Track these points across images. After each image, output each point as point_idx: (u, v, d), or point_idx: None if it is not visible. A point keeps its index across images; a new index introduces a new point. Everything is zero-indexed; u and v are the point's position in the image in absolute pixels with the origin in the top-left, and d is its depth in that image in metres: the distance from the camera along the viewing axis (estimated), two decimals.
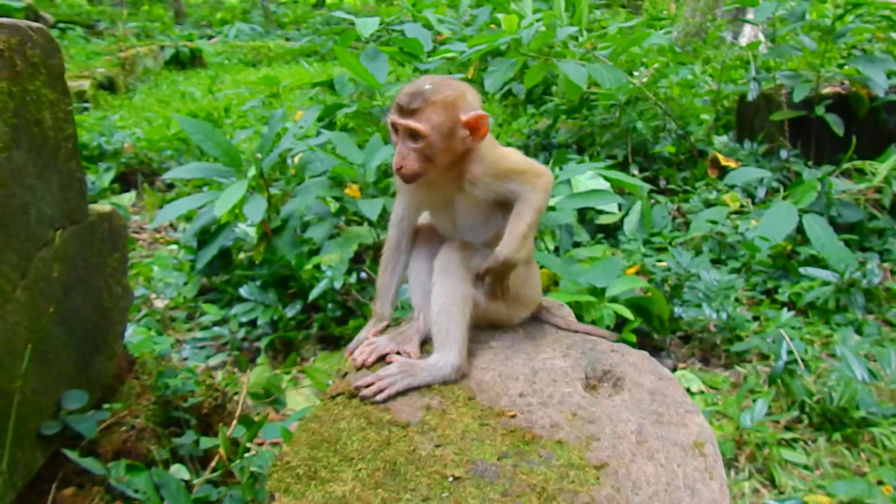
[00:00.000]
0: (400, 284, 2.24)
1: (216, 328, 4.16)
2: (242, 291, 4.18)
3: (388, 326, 2.19)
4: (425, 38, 5.76)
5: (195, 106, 8.91)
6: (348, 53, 4.74)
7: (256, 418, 3.62)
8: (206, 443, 2.48)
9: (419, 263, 2.17)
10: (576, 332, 2.12)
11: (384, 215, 4.45)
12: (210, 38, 16.13)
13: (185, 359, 4.06)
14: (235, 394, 3.83)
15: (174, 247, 5.18)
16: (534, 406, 1.71)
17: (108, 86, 10.11)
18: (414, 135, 1.91)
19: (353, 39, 6.01)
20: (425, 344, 2.04)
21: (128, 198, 6.04)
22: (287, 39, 16.07)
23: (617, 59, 6.73)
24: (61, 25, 14.15)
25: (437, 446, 1.62)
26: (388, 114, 1.99)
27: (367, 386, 1.84)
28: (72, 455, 2.07)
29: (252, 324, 4.18)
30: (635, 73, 6.87)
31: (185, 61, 12.90)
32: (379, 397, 1.82)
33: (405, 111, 1.91)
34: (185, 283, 4.63)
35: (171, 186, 6.36)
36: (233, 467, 2.43)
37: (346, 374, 1.95)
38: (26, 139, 1.97)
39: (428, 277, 2.04)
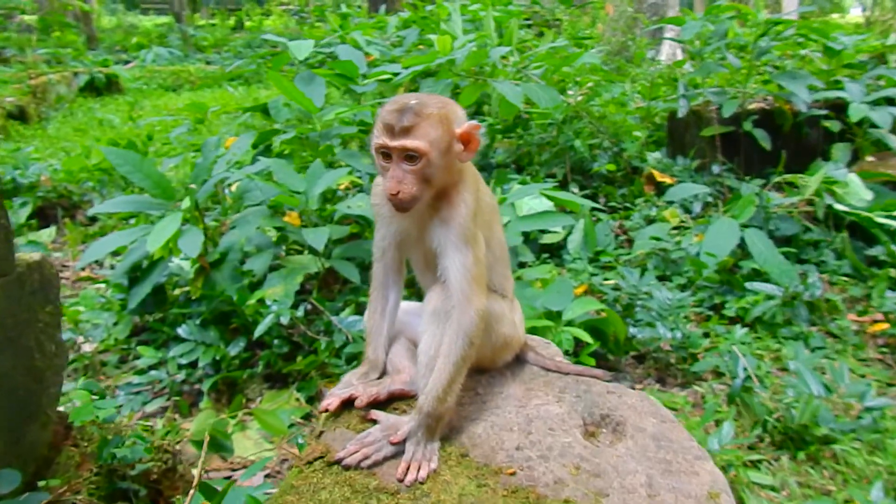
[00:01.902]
0: (392, 325, 2.05)
1: (153, 372, 3.88)
2: (181, 331, 3.92)
3: (383, 374, 2.00)
4: (359, 60, 5.64)
5: (115, 134, 8.50)
6: (283, 77, 4.57)
7: (205, 475, 3.39)
8: None
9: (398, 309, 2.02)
10: (567, 373, 1.99)
11: (328, 245, 4.28)
12: (126, 62, 15.55)
13: (120, 406, 3.77)
14: (178, 442, 3.58)
15: (101, 285, 4.85)
16: (533, 460, 1.58)
17: (19, 115, 9.53)
18: (411, 156, 1.75)
19: (284, 63, 5.83)
20: (402, 401, 1.86)
21: (47, 234, 5.65)
22: (207, 63, 15.64)
23: (549, 79, 6.78)
24: None
25: None
26: (372, 138, 1.82)
27: (350, 455, 1.67)
28: None
29: (192, 365, 3.92)
30: (569, 93, 6.91)
31: (101, 87, 12.35)
32: (364, 464, 1.66)
33: (397, 131, 1.74)
34: (116, 324, 4.32)
35: (93, 220, 5.99)
36: None
37: (321, 433, 1.77)
38: None
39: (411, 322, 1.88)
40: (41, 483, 2.02)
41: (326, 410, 1.80)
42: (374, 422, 1.81)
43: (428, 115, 1.76)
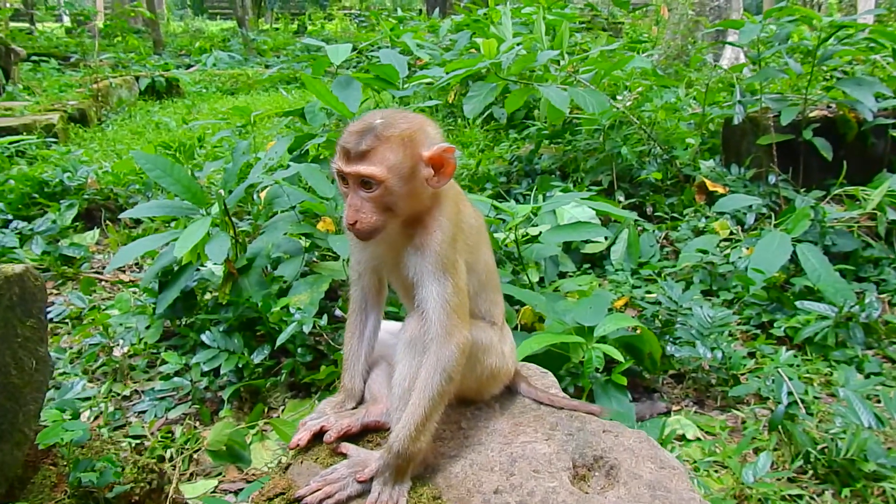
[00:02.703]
0: (371, 350, 1.93)
1: (176, 378, 3.86)
2: (205, 338, 3.89)
3: (360, 403, 1.88)
4: (401, 63, 5.56)
5: (169, 137, 8.64)
6: (317, 81, 4.52)
7: (217, 479, 3.35)
8: None
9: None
10: (561, 408, 1.83)
11: None
12: (188, 67, 15.93)
13: (144, 412, 3.77)
14: (197, 450, 3.54)
15: (137, 289, 4.88)
16: None
17: (80, 118, 9.81)
18: (367, 182, 1.61)
19: (326, 66, 5.80)
20: (377, 433, 1.73)
21: (90, 236, 5.74)
22: (266, 67, 15.89)
23: (599, 83, 6.57)
24: (35, 58, 13.90)
25: None
26: (332, 161, 1.70)
27: (312, 493, 1.55)
28: None
29: (215, 372, 3.89)
30: (619, 97, 6.69)
31: (162, 91, 12.65)
32: (326, 503, 1.53)
33: (353, 155, 1.60)
34: (147, 328, 4.33)
35: (138, 222, 6.08)
36: None
37: (288, 465, 1.66)
38: None
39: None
40: None
41: (297, 446, 1.69)
42: (345, 455, 1.70)
43: (388, 138, 1.62)
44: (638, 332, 3.89)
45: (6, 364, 1.88)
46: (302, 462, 1.64)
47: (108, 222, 5.93)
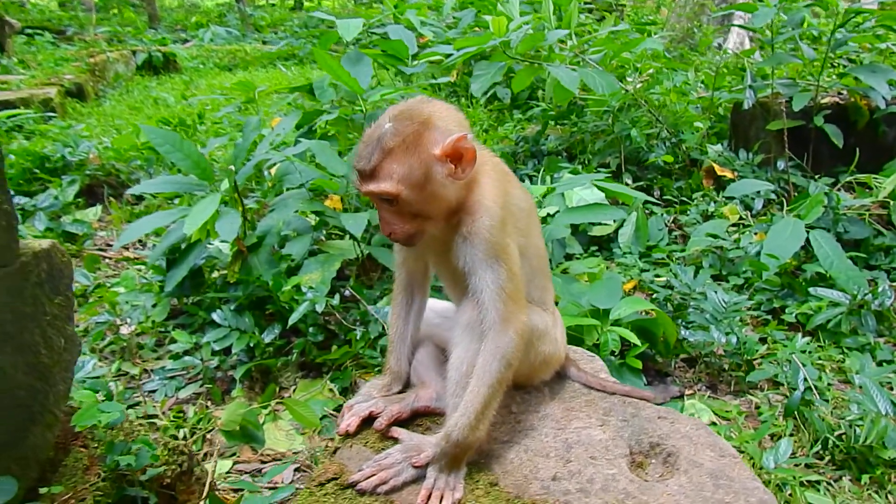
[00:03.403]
0: (416, 331, 1.87)
1: (187, 357, 3.81)
2: (215, 316, 3.84)
3: (406, 386, 1.83)
4: (410, 40, 5.47)
5: (168, 112, 8.52)
6: (329, 56, 4.43)
7: (232, 459, 3.31)
8: None
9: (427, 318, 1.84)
10: (613, 393, 1.78)
11: (369, 230, 4.15)
12: (185, 42, 15.71)
13: (154, 391, 3.72)
14: (210, 430, 3.51)
15: (142, 266, 4.82)
16: (572, 494, 1.39)
17: (77, 93, 9.65)
18: (385, 199, 1.57)
19: (333, 42, 5.70)
20: (426, 417, 1.68)
21: (93, 212, 5.66)
22: (264, 43, 15.69)
23: (608, 65, 6.50)
24: (29, 31, 13.67)
25: None
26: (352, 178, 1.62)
27: (366, 478, 1.51)
28: None
29: (226, 351, 3.84)
30: (628, 79, 6.62)
31: (159, 66, 12.47)
32: (381, 489, 1.49)
33: (365, 175, 1.56)
34: (154, 306, 4.28)
35: (140, 199, 5.99)
36: None
37: (336, 449, 1.61)
38: None
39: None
40: (42, 490, 1.90)
41: (347, 433, 1.64)
42: (395, 439, 1.66)
43: (391, 151, 1.55)
44: (651, 315, 3.87)
45: (35, 343, 1.81)
46: (351, 446, 1.60)
47: (110, 198, 5.84)
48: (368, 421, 1.70)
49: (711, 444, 1.56)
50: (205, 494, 1.98)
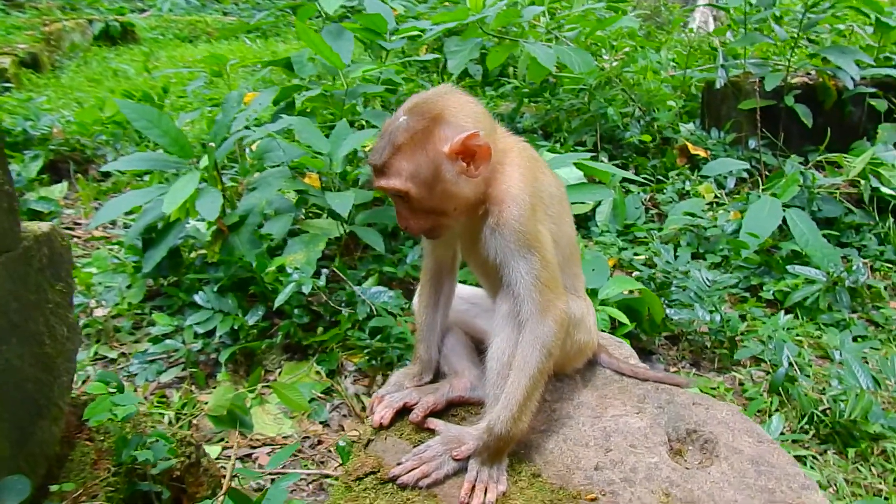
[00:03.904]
0: (445, 319, 1.83)
1: (168, 340, 3.72)
2: (197, 298, 3.75)
3: (436, 375, 1.79)
4: (388, 14, 5.35)
5: (129, 85, 8.22)
6: (311, 30, 4.32)
7: (220, 445, 3.25)
8: None
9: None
10: (645, 380, 1.77)
11: (351, 209, 4.08)
12: (142, 11, 15.16)
13: (134, 375, 3.62)
14: (196, 415, 3.43)
15: (115, 246, 4.67)
16: (616, 484, 1.38)
17: (32, 63, 9.24)
18: (397, 195, 1.54)
19: (309, 16, 5.56)
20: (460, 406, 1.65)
21: (59, 189, 5.45)
22: (225, 14, 15.23)
23: (582, 42, 6.48)
24: None
25: None
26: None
27: (408, 472, 1.48)
28: None
29: (209, 334, 3.75)
30: (603, 57, 6.62)
31: (116, 36, 12.01)
32: (423, 483, 1.46)
33: (377, 169, 1.53)
34: (129, 287, 4.15)
35: (106, 175, 5.79)
36: None
37: (369, 441, 1.57)
38: None
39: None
40: (53, 488, 1.81)
41: (381, 426, 1.60)
42: (431, 431, 1.63)
43: (400, 147, 1.50)
44: (636, 294, 3.90)
45: (40, 333, 1.72)
46: (386, 438, 1.55)
47: (77, 175, 5.63)
48: (400, 412, 1.67)
49: (748, 429, 1.56)
50: (224, 490, 1.92)
